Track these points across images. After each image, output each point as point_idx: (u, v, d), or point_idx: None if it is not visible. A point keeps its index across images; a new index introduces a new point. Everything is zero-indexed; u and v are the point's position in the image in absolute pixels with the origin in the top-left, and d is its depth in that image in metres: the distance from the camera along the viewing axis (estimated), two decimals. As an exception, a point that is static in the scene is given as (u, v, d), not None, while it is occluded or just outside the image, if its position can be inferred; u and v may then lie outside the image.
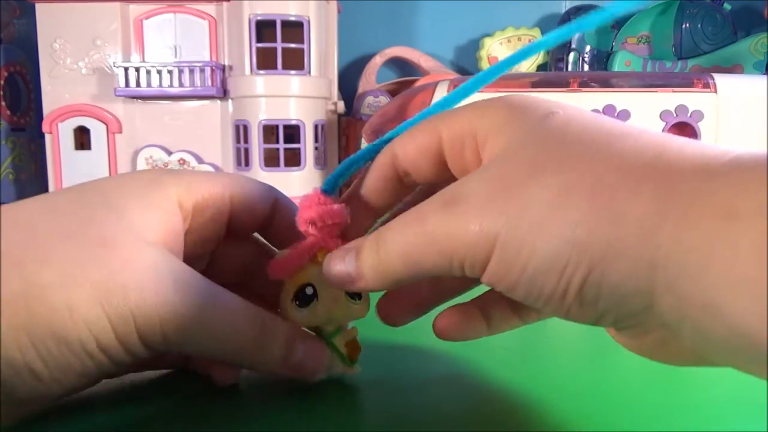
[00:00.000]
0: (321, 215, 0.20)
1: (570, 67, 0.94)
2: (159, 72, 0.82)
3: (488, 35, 0.98)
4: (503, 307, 0.22)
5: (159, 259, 0.18)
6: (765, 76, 0.67)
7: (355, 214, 0.21)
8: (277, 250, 0.24)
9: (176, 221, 0.20)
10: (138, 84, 0.82)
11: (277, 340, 0.20)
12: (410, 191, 0.22)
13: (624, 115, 0.67)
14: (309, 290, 0.21)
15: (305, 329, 0.22)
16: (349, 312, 0.22)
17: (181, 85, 0.82)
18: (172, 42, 0.84)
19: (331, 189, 0.22)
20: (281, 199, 0.24)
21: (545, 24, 1.01)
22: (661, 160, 0.15)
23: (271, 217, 0.24)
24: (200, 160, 0.85)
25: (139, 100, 0.84)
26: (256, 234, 0.25)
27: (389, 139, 0.21)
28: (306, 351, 0.21)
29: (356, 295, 0.22)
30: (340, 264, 0.19)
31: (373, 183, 0.21)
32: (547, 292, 0.15)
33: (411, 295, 0.22)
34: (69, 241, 0.17)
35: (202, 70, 0.82)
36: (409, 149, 0.20)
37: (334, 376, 0.22)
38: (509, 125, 0.18)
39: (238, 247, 0.24)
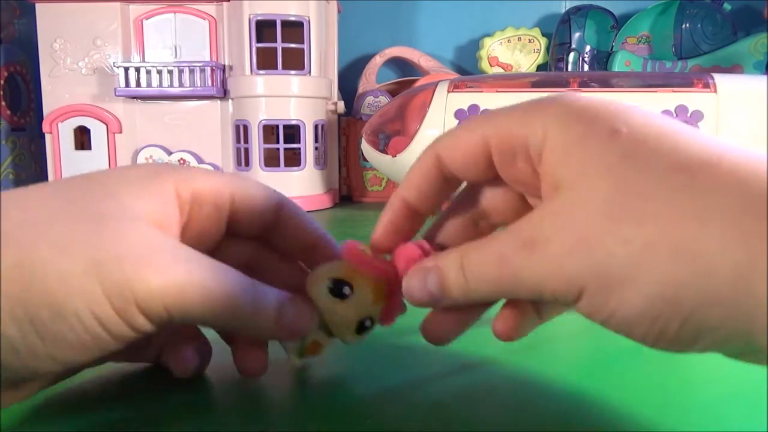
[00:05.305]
0: (407, 266, 0.22)
1: (570, 67, 0.94)
2: (159, 72, 0.82)
3: (488, 35, 0.98)
4: None
5: (153, 234, 0.19)
6: (765, 76, 0.67)
7: (402, 217, 0.22)
8: (278, 254, 0.25)
9: (172, 209, 0.21)
10: (138, 84, 0.82)
11: (271, 303, 0.20)
12: (454, 189, 0.22)
13: (624, 115, 0.66)
14: (347, 290, 0.22)
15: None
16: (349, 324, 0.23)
17: (181, 85, 0.82)
18: (172, 42, 0.84)
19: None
20: (288, 205, 0.24)
21: (545, 24, 1.01)
22: (748, 197, 0.14)
23: (276, 221, 0.24)
24: (200, 160, 0.85)
25: (139, 100, 0.84)
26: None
27: None
28: (296, 311, 0.21)
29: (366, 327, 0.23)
30: (421, 285, 0.20)
31: (417, 182, 0.21)
32: (641, 333, 0.16)
33: (463, 311, 0.22)
34: (65, 219, 0.18)
35: (202, 70, 0.82)
36: (454, 154, 0.20)
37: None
38: (570, 149, 0.17)
39: (238, 246, 0.24)
